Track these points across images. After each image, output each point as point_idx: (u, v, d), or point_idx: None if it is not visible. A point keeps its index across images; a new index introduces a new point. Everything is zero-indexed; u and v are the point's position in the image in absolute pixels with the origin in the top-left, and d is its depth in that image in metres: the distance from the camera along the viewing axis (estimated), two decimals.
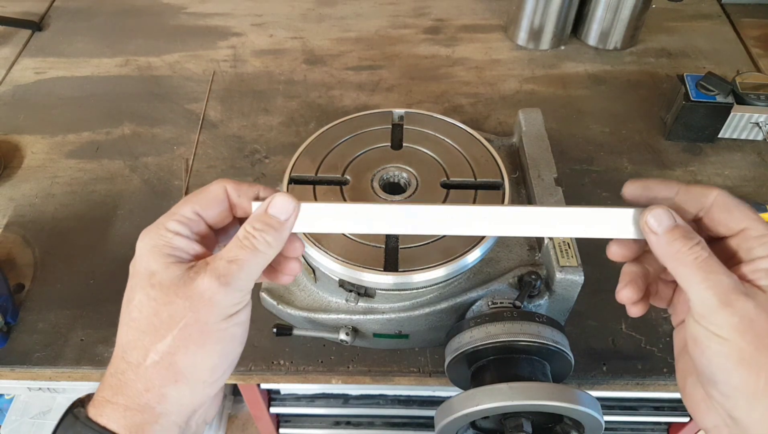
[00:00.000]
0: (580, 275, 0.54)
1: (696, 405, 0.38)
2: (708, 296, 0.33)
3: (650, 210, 0.35)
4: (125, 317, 0.36)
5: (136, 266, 0.37)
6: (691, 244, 0.34)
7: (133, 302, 0.35)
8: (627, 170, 0.80)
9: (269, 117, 0.88)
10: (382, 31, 1.04)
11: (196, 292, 0.35)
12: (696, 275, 0.33)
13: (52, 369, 0.62)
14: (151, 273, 0.35)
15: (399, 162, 0.63)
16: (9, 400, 1.13)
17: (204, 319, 0.35)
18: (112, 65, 0.97)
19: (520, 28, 0.98)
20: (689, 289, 0.34)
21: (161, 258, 0.36)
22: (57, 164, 0.82)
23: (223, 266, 0.35)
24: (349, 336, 0.58)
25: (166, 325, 0.34)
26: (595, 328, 0.64)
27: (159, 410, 0.35)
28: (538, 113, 0.69)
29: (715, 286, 0.33)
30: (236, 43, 1.01)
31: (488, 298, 0.56)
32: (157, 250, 0.36)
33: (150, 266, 0.36)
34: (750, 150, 0.82)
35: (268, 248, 0.36)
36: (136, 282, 0.36)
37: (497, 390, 0.47)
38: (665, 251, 0.35)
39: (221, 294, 0.35)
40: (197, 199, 0.38)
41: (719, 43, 1.00)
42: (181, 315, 0.34)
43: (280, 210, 0.37)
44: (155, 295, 0.35)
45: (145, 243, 0.36)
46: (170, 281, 0.35)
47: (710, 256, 0.34)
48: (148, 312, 0.35)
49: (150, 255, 0.36)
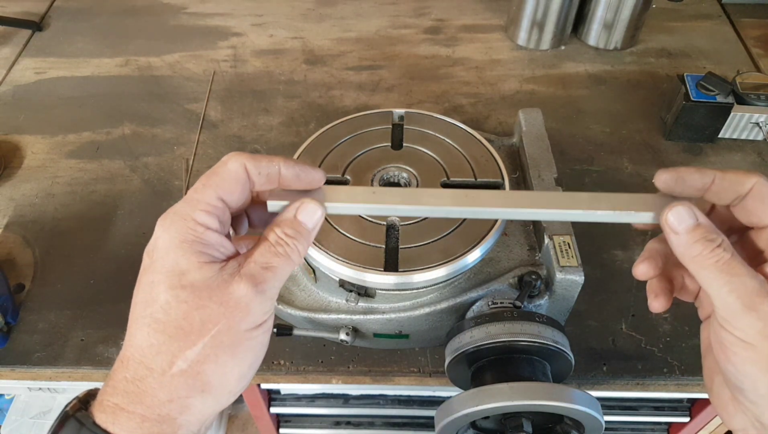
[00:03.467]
0: (581, 275, 0.54)
1: (724, 406, 0.36)
2: (731, 301, 0.32)
3: (671, 208, 0.34)
4: (145, 318, 0.32)
5: (158, 260, 0.33)
6: (713, 246, 0.32)
7: (158, 303, 0.32)
8: (627, 170, 0.80)
9: (269, 117, 0.88)
10: (382, 31, 1.04)
11: (232, 298, 0.32)
12: (718, 278, 0.32)
13: (52, 369, 0.62)
14: (182, 272, 0.32)
15: (399, 162, 0.63)
16: (9, 400, 1.13)
17: (237, 327, 0.33)
18: (112, 65, 0.97)
19: (520, 28, 0.98)
20: (711, 293, 0.33)
21: (193, 256, 0.32)
22: (57, 164, 0.82)
23: (259, 273, 0.33)
24: (350, 336, 0.58)
25: (197, 331, 0.32)
26: (595, 328, 0.64)
27: (180, 421, 0.32)
28: (538, 112, 0.69)
29: (738, 289, 0.32)
30: (236, 43, 1.01)
31: (488, 298, 0.56)
32: (187, 246, 0.33)
33: (180, 263, 0.32)
34: (750, 150, 0.82)
35: (298, 257, 0.35)
36: (159, 279, 0.32)
37: (497, 390, 0.47)
38: (686, 252, 0.33)
39: (256, 302, 0.33)
40: (219, 182, 0.34)
41: (719, 43, 1.00)
42: (215, 322, 0.32)
43: (309, 218, 0.35)
44: (186, 297, 0.32)
45: (171, 235, 0.33)
46: (203, 282, 0.32)
47: (733, 257, 0.32)
48: (177, 315, 0.32)
49: (179, 251, 0.32)
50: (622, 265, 0.69)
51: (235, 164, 0.35)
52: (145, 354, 0.32)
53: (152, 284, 0.33)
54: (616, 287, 0.67)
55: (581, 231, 0.58)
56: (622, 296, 0.66)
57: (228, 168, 0.34)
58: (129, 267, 0.69)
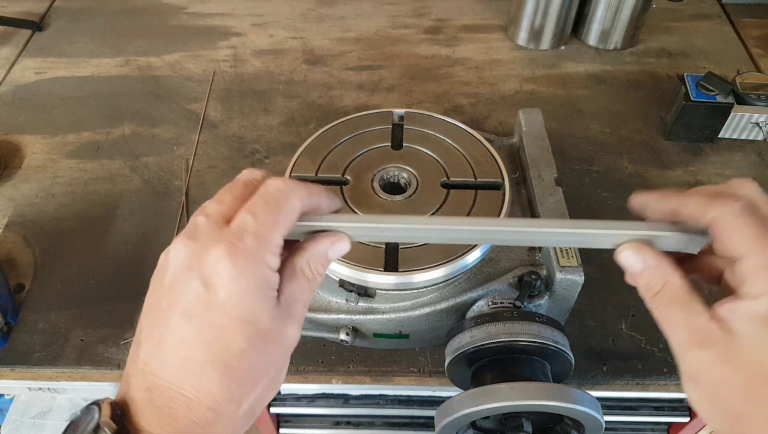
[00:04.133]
0: (581, 275, 0.54)
1: None
2: (673, 342, 0.33)
3: (620, 251, 0.35)
4: (216, 363, 0.31)
5: (229, 302, 0.31)
6: (652, 294, 0.34)
7: (232, 350, 0.31)
8: (627, 170, 0.80)
9: (269, 117, 0.88)
10: (382, 31, 1.04)
11: (289, 342, 0.34)
12: (662, 319, 0.34)
13: (52, 369, 0.62)
14: (257, 320, 0.32)
15: (399, 162, 0.63)
16: (9, 400, 1.13)
17: (286, 364, 0.35)
18: (112, 65, 0.97)
19: (520, 28, 0.98)
20: (663, 330, 0.34)
21: (265, 303, 0.32)
22: (57, 164, 0.82)
23: (301, 311, 0.34)
24: (350, 336, 0.58)
25: (261, 375, 0.33)
26: (595, 328, 0.64)
27: None
28: (538, 113, 0.69)
29: (677, 333, 0.33)
30: (236, 43, 1.01)
31: (488, 298, 0.56)
32: (261, 293, 0.32)
33: (255, 311, 0.32)
34: (750, 150, 0.82)
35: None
36: (234, 325, 0.31)
37: (497, 390, 0.47)
38: (639, 288, 0.35)
39: (298, 337, 0.34)
40: (285, 221, 0.34)
41: (719, 43, 1.00)
42: (275, 366, 0.33)
43: (339, 253, 0.37)
44: (258, 345, 0.32)
45: (247, 280, 0.31)
46: (271, 329, 0.32)
47: (672, 299, 0.33)
48: (249, 363, 0.32)
49: (254, 298, 0.32)
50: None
51: (297, 201, 0.34)
52: (216, 400, 0.31)
53: (224, 329, 0.31)
54: (616, 288, 0.67)
55: None
56: (622, 296, 0.66)
57: (292, 205, 0.34)
58: (129, 267, 0.69)
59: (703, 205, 0.33)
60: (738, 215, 0.31)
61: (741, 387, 0.30)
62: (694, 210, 0.33)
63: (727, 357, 0.31)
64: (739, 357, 0.30)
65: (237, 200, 0.34)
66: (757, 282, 0.30)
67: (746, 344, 0.30)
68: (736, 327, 0.31)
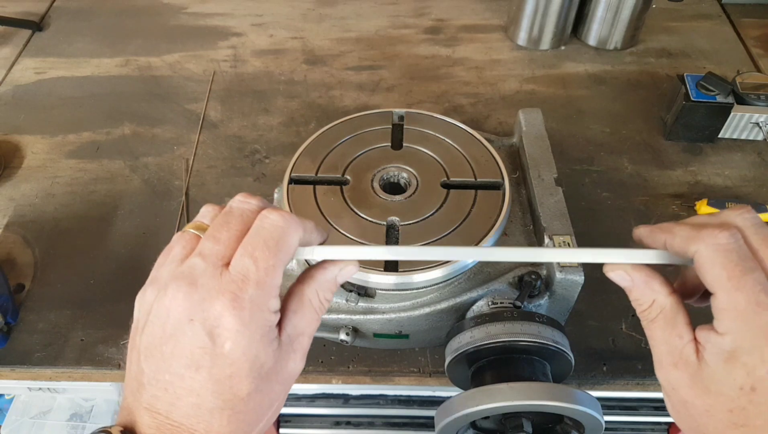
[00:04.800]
0: (581, 275, 0.54)
1: None
2: (653, 354, 0.35)
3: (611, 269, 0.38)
4: (225, 409, 0.32)
5: (234, 354, 0.32)
6: (639, 310, 0.36)
7: (239, 396, 0.32)
8: (627, 170, 0.80)
9: (269, 117, 0.88)
10: (382, 31, 1.04)
11: (291, 375, 0.35)
12: (647, 333, 0.36)
13: (52, 369, 0.62)
14: (261, 365, 0.33)
15: (399, 162, 0.63)
16: (9, 400, 1.13)
17: (288, 391, 0.36)
18: (112, 65, 0.97)
19: (520, 28, 0.98)
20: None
21: (269, 346, 0.33)
22: (57, 164, 0.82)
23: (306, 342, 0.35)
24: (350, 336, 0.58)
25: (265, 409, 0.34)
26: (595, 328, 0.64)
27: None
28: (538, 112, 0.69)
29: (656, 349, 0.35)
30: (236, 43, 1.01)
31: (488, 298, 0.56)
32: (265, 338, 0.33)
33: (260, 357, 0.33)
34: (750, 150, 0.82)
35: None
36: (241, 373, 0.32)
37: (497, 390, 0.47)
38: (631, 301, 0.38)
39: (302, 366, 0.36)
40: (285, 259, 0.34)
41: (719, 43, 1.00)
42: (279, 399, 0.35)
43: (346, 278, 0.37)
44: (263, 387, 0.33)
45: (252, 331, 0.32)
46: (274, 368, 0.33)
47: (658, 317, 0.35)
48: (255, 404, 0.33)
49: (259, 345, 0.32)
50: None
51: (295, 238, 0.34)
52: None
53: (231, 378, 0.32)
54: (616, 287, 0.66)
55: (581, 231, 0.58)
56: (622, 296, 0.65)
57: (291, 243, 0.34)
58: (129, 267, 0.69)
59: (687, 239, 0.34)
60: (716, 250, 0.32)
61: (704, 411, 0.33)
62: (680, 244, 0.34)
63: (695, 382, 0.33)
64: (705, 385, 0.32)
65: (233, 238, 0.34)
66: (724, 321, 0.32)
67: (711, 375, 0.32)
68: (705, 356, 0.33)
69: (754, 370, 0.31)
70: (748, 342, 0.31)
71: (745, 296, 0.31)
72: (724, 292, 0.31)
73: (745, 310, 0.31)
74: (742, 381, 0.31)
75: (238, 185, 0.78)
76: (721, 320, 0.32)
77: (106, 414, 0.97)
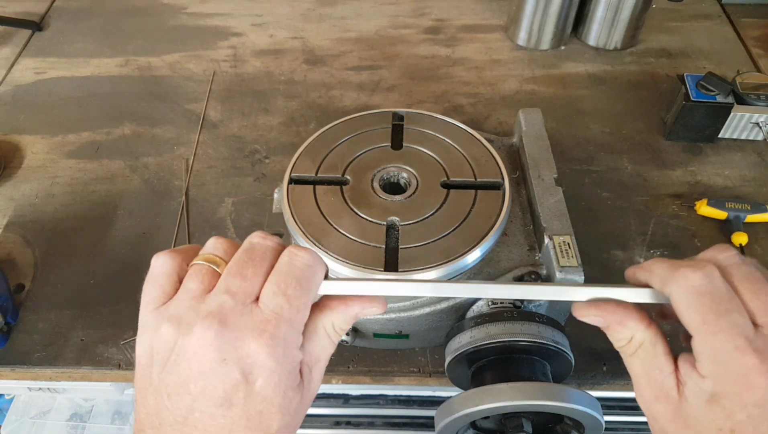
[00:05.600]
0: (581, 275, 0.54)
1: None
2: (634, 386, 0.36)
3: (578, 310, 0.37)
4: None
5: (265, 391, 0.32)
6: (620, 345, 0.37)
7: (269, 431, 0.33)
8: (627, 170, 0.80)
9: (269, 117, 0.88)
10: (382, 31, 1.04)
11: (310, 397, 0.35)
12: (627, 366, 0.37)
13: (52, 369, 0.62)
14: (290, 400, 0.33)
15: (399, 162, 0.63)
16: (9, 400, 1.13)
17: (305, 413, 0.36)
18: (112, 65, 0.97)
19: (520, 28, 0.98)
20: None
21: (295, 381, 0.33)
22: (57, 164, 0.82)
23: (322, 369, 0.36)
24: (350, 336, 0.58)
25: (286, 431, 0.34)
26: (595, 328, 0.64)
27: None
28: (538, 112, 0.69)
29: (637, 382, 0.36)
30: (236, 43, 1.01)
31: (488, 298, 0.56)
32: (292, 374, 0.33)
33: (287, 393, 0.33)
34: (750, 150, 0.82)
35: None
36: (272, 410, 0.33)
37: (497, 390, 0.47)
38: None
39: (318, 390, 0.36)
40: (312, 298, 0.34)
41: (719, 43, 1.00)
42: (298, 424, 0.35)
43: (371, 315, 0.37)
44: (288, 420, 0.34)
45: (284, 368, 0.32)
46: (299, 400, 0.34)
47: (637, 352, 0.35)
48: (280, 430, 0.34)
49: (287, 381, 0.33)
50: (622, 265, 0.69)
51: (321, 276, 0.35)
52: None
53: (261, 414, 0.32)
54: None
55: (581, 231, 0.58)
56: None
57: (318, 281, 0.35)
58: (129, 267, 0.69)
59: (663, 280, 0.34)
60: (690, 293, 0.32)
61: None
62: (657, 284, 0.34)
63: (676, 416, 0.33)
64: (685, 421, 0.33)
65: (259, 275, 0.34)
66: (704, 364, 0.32)
67: (691, 413, 0.33)
68: (686, 394, 0.33)
69: (733, 414, 0.31)
70: (728, 387, 0.31)
71: (722, 341, 0.31)
72: (701, 336, 0.32)
73: (723, 355, 0.31)
74: (722, 423, 0.31)
75: (238, 185, 0.78)
76: (701, 362, 0.32)
77: (105, 414, 0.98)
